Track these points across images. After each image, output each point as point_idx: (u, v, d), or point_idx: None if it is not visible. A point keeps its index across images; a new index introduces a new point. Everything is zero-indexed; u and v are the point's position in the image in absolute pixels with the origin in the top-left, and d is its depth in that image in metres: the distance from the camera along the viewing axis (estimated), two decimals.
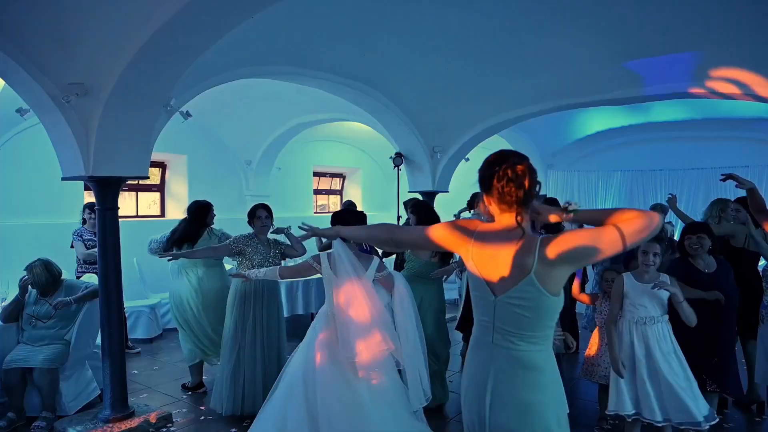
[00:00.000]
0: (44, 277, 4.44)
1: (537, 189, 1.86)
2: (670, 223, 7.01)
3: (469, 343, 2.07)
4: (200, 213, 5.11)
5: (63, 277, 4.69)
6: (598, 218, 1.78)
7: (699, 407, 3.26)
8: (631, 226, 1.65)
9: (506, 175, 1.82)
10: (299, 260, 4.87)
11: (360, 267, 3.39)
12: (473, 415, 1.94)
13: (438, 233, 2.05)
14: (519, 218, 1.84)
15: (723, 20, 4.78)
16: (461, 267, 4.21)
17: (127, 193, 8.39)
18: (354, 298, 3.31)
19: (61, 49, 3.69)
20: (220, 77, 5.01)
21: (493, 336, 1.88)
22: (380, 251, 4.09)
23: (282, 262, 4.71)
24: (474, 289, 1.98)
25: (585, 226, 1.89)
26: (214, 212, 5.24)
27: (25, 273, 4.47)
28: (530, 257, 1.78)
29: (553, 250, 1.76)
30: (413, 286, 3.87)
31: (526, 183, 1.82)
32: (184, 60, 3.96)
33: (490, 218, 1.95)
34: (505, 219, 1.88)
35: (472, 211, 6.07)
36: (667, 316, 3.40)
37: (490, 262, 1.88)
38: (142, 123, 4.17)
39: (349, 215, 3.74)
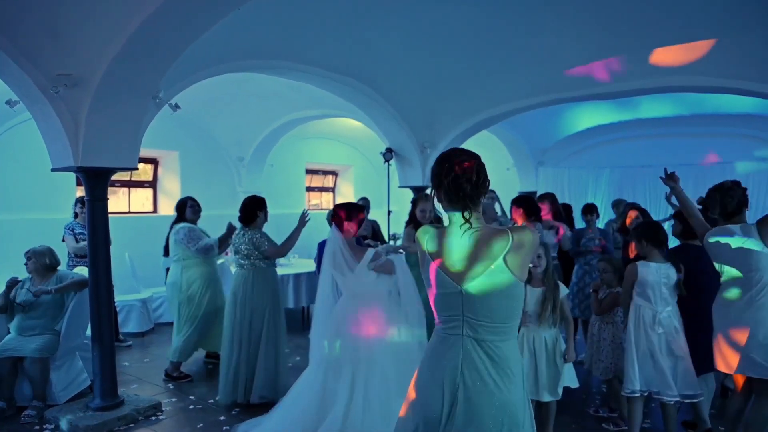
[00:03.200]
0: (41, 262, 4.60)
1: (485, 186, 1.92)
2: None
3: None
4: (176, 209, 5.35)
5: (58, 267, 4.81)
6: None
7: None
8: None
9: (453, 171, 1.88)
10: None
11: (352, 261, 3.57)
12: (430, 408, 1.90)
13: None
14: (466, 215, 1.89)
15: (712, 14, 4.87)
16: None
17: (120, 190, 8.44)
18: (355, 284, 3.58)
19: (51, 40, 3.73)
20: (209, 71, 5.05)
21: (463, 329, 1.89)
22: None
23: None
24: (435, 285, 1.96)
25: None
26: (194, 207, 5.32)
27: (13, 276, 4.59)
28: (502, 241, 1.84)
29: (523, 235, 1.86)
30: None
31: (473, 179, 1.88)
32: (172, 51, 4.01)
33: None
34: (455, 216, 1.93)
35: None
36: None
37: (450, 255, 1.92)
38: (131, 114, 4.21)
39: (352, 207, 3.87)
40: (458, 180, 1.88)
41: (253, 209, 4.70)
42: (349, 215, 3.70)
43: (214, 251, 5.20)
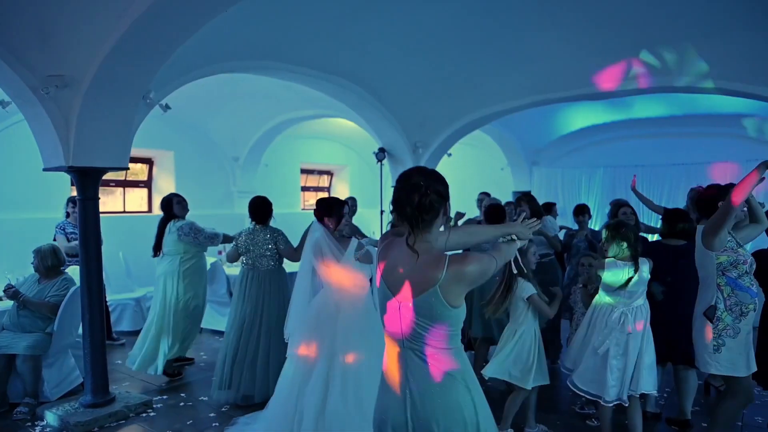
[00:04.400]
0: (44, 262, 4.65)
1: (433, 210, 1.89)
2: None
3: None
4: (163, 207, 5.37)
5: (67, 270, 4.88)
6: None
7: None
8: (501, 260, 2.03)
9: (399, 191, 1.91)
10: None
11: (339, 250, 3.65)
12: (387, 412, 1.95)
13: None
14: (410, 239, 1.90)
15: (702, 15, 4.91)
16: None
17: (117, 190, 8.49)
18: (338, 274, 3.64)
19: (41, 41, 3.78)
20: (201, 71, 5.09)
21: (403, 340, 1.92)
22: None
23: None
24: (380, 294, 2.00)
25: None
26: (181, 203, 5.36)
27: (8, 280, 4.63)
28: (437, 272, 1.82)
29: (460, 268, 1.82)
30: None
31: (416, 202, 1.87)
32: (162, 52, 4.06)
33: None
34: (406, 232, 1.95)
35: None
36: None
37: (394, 270, 1.93)
38: (122, 114, 4.27)
39: (324, 203, 3.92)
40: (400, 201, 1.90)
41: (267, 209, 4.77)
42: (329, 210, 3.77)
43: (218, 240, 5.29)
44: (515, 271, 3.57)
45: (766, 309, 3.57)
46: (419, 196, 1.87)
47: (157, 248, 5.29)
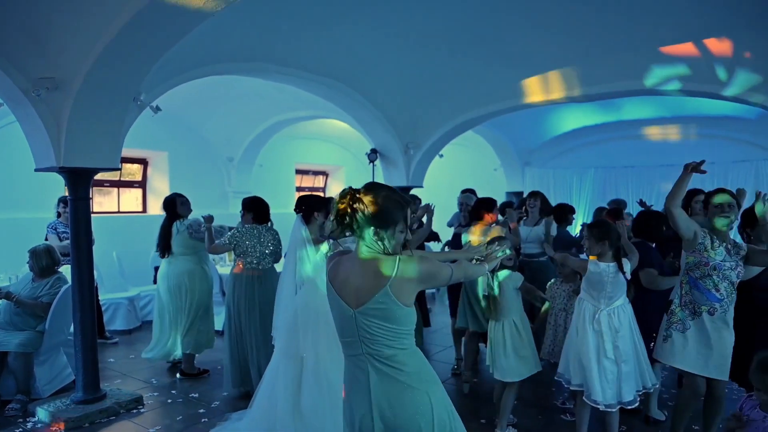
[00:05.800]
0: (38, 263, 4.72)
1: (374, 217, 1.98)
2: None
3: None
4: (167, 207, 5.37)
5: (60, 269, 4.94)
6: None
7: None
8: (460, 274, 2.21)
9: (340, 203, 2.02)
10: None
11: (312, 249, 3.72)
12: (355, 418, 2.07)
13: None
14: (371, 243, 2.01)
15: (689, 18, 4.99)
16: None
17: (114, 190, 8.56)
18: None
19: (32, 44, 3.86)
20: (191, 73, 5.14)
21: (362, 347, 2.02)
22: None
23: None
24: (332, 307, 2.11)
25: None
26: (185, 203, 5.39)
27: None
28: (388, 269, 1.96)
29: (410, 266, 1.97)
30: None
31: (358, 211, 1.98)
32: (152, 54, 4.12)
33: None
34: (356, 242, 2.08)
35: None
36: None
37: (345, 281, 2.05)
38: (112, 116, 4.33)
39: (313, 199, 4.01)
40: (337, 209, 2.02)
41: (267, 209, 4.84)
42: (315, 206, 3.88)
43: (225, 231, 5.20)
44: (486, 293, 3.74)
45: (740, 312, 3.63)
46: (349, 208, 2.00)
47: (166, 249, 5.27)
